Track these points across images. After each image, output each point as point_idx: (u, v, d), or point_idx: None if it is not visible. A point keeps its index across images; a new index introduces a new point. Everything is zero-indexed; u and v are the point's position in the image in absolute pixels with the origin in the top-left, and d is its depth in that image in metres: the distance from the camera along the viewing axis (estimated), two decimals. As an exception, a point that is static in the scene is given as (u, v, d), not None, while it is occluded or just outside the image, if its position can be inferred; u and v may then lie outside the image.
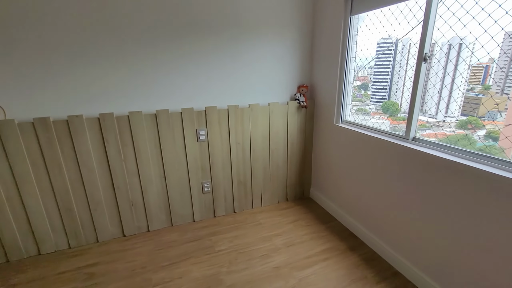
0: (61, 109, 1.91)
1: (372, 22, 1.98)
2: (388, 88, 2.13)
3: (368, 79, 2.32)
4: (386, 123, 2.11)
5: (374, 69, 2.21)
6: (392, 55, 2.04)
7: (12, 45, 1.71)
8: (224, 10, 2.14)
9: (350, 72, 2.22)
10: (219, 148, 2.37)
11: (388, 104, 2.16)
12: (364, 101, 2.38)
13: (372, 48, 2.11)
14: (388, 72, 2.10)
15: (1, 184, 1.82)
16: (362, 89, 2.36)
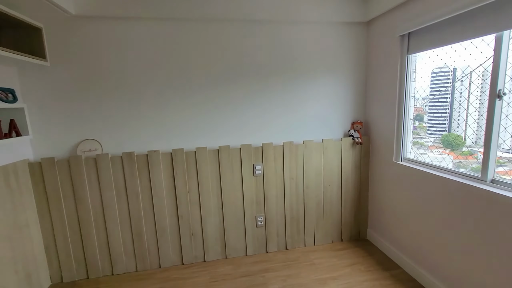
0: (143, 145, 2.24)
1: (425, 52, 1.97)
2: (448, 120, 2.00)
3: (423, 109, 2.22)
4: (448, 158, 1.95)
5: (429, 99, 2.12)
6: (450, 84, 1.95)
7: (106, 95, 2.14)
8: (282, 54, 2.36)
9: (410, 109, 2.17)
10: (274, 183, 2.44)
11: (449, 137, 2.01)
12: (420, 133, 2.26)
13: (426, 76, 2.06)
14: (447, 102, 2.00)
15: (92, 208, 2.15)
16: (416, 120, 2.25)
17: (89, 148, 2.14)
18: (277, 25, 2.32)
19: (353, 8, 2.36)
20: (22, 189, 1.93)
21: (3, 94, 1.70)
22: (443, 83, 2.02)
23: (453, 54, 1.82)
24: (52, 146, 2.10)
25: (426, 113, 2.21)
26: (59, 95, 2.06)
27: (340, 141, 2.54)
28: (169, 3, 2.06)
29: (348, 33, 2.46)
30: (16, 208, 1.86)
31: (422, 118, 2.24)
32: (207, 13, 2.13)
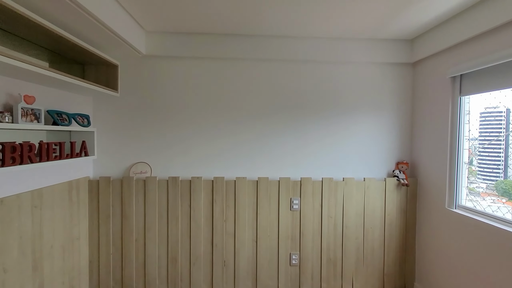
0: (188, 171, 2.37)
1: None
2: (503, 164, 1.81)
3: (472, 152, 2.05)
4: (504, 207, 1.74)
5: (479, 140, 1.97)
6: (504, 125, 1.81)
7: (160, 123, 2.36)
8: (326, 91, 2.44)
9: (463, 152, 2.03)
10: (311, 220, 2.37)
11: (506, 184, 1.81)
12: (469, 177, 2.06)
13: (475, 116, 1.94)
14: (500, 145, 1.83)
15: (135, 228, 2.26)
16: (468, 164, 2.07)
17: (140, 170, 2.32)
18: (323, 64, 2.43)
19: (399, 50, 2.40)
20: (80, 203, 2.13)
21: (81, 119, 1.98)
22: (495, 124, 1.89)
23: (508, 93, 1.72)
24: (109, 166, 2.33)
25: (475, 156, 2.04)
26: (121, 122, 2.33)
27: (384, 181, 2.42)
28: (225, 45, 2.31)
29: (393, 73, 2.47)
30: (73, 220, 2.04)
31: (471, 161, 2.07)
32: (262, 54, 2.33)
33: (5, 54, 1.24)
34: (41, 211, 1.73)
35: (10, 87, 1.54)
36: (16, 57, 1.29)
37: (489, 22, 1.66)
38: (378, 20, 2.03)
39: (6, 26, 1.45)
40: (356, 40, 2.38)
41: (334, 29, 2.20)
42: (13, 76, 1.52)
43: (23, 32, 1.52)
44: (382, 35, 2.31)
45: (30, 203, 1.65)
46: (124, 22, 1.92)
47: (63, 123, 1.77)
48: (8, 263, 1.50)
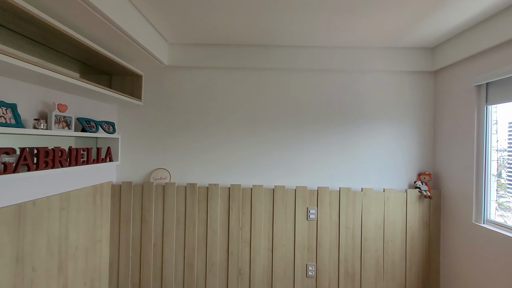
0: (205, 178, 2.42)
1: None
2: None
3: (500, 164, 1.94)
4: None
5: (507, 151, 1.86)
6: None
7: (180, 130, 2.43)
8: (345, 100, 2.42)
9: (491, 164, 1.93)
10: (328, 230, 2.32)
11: None
12: (498, 191, 1.94)
13: (503, 126, 1.85)
14: None
15: (154, 232, 2.32)
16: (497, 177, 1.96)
17: (160, 176, 2.39)
18: (343, 73, 2.43)
19: (420, 58, 2.36)
20: (103, 207, 2.22)
21: (107, 126, 2.08)
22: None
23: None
24: (131, 171, 2.42)
25: (504, 168, 1.93)
26: (144, 129, 2.43)
27: (405, 193, 2.34)
28: (244, 55, 2.37)
29: (414, 81, 2.42)
30: (96, 223, 2.12)
31: (500, 174, 1.96)
32: (281, 63, 2.37)
33: (43, 66, 1.34)
34: (68, 213, 1.82)
35: (45, 96, 1.65)
36: (52, 68, 1.40)
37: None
38: (398, 29, 2.01)
39: (43, 40, 1.57)
40: (375, 48, 2.36)
41: (353, 38, 2.20)
42: (48, 86, 1.64)
43: (58, 45, 1.64)
44: (402, 43, 2.28)
45: (59, 205, 1.74)
46: (149, 34, 2.03)
47: (91, 130, 1.87)
48: (36, 262, 1.58)
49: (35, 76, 1.39)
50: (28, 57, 1.51)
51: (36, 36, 1.50)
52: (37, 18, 1.24)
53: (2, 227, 1.37)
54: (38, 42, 1.61)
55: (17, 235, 1.45)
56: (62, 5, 1.37)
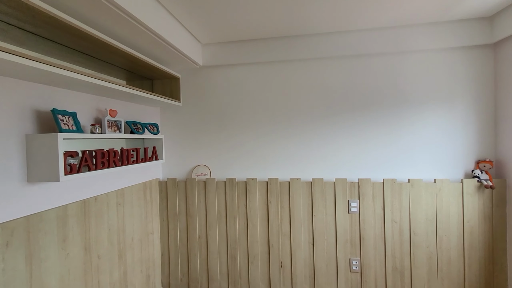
0: (244, 172, 2.48)
1: None
2: None
3: None
4: None
5: None
6: None
7: (218, 128, 2.51)
8: (388, 86, 2.26)
9: None
10: (371, 224, 2.21)
11: None
12: None
13: None
14: None
15: (198, 226, 2.46)
16: None
17: (201, 172, 2.52)
18: (383, 56, 2.27)
19: (474, 30, 2.08)
20: (153, 202, 2.42)
21: (151, 128, 2.25)
22: None
23: None
24: (175, 168, 2.58)
25: None
26: (184, 128, 2.57)
27: (461, 183, 2.11)
28: (275, 48, 2.35)
29: (469, 58, 2.15)
30: (147, 217, 2.32)
31: None
32: (313, 52, 2.30)
33: (96, 76, 1.50)
34: (124, 208, 2.02)
35: (98, 104, 1.84)
36: (103, 78, 1.56)
37: None
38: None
39: (93, 53, 1.75)
40: (421, 25, 2.15)
41: (393, 16, 2.03)
42: (100, 94, 1.83)
43: (106, 56, 1.81)
44: (453, 15, 2.03)
45: (115, 201, 1.94)
46: (183, 38, 2.12)
47: (138, 131, 2.04)
48: (100, 251, 1.79)
49: (90, 86, 1.55)
50: (82, 70, 1.70)
51: (87, 50, 1.68)
52: (89, 34, 1.39)
53: (73, 220, 1.58)
54: (89, 55, 1.81)
55: (84, 227, 1.66)
56: (109, 19, 1.51)
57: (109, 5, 1.36)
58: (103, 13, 1.44)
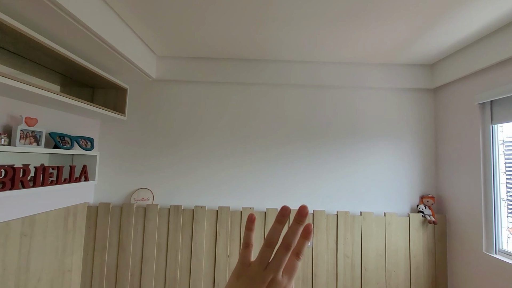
0: (191, 199, 2.23)
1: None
2: None
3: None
4: None
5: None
6: None
7: (165, 148, 2.27)
8: (341, 119, 2.30)
9: (501, 187, 1.78)
10: (324, 259, 2.11)
11: None
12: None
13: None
14: None
15: (132, 261, 2.09)
16: None
17: (142, 197, 2.20)
18: (339, 90, 2.33)
19: (419, 75, 2.27)
20: (76, 232, 2.00)
21: (84, 142, 1.92)
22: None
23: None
24: (112, 191, 2.22)
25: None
26: (127, 146, 2.27)
27: (407, 217, 2.16)
28: (234, 69, 2.27)
29: (414, 99, 2.33)
30: (65, 251, 1.90)
31: None
32: (273, 78, 2.26)
33: (16, 78, 1.21)
34: (31, 240, 1.61)
35: (13, 108, 1.50)
36: (28, 82, 1.28)
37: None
38: (395, 45, 1.93)
39: (18, 51, 1.45)
40: (373, 65, 2.28)
41: (350, 54, 2.12)
42: (17, 98, 1.50)
43: (35, 56, 1.52)
44: (400, 60, 2.20)
45: (19, 231, 1.53)
46: (135, 47, 1.92)
47: (64, 146, 1.71)
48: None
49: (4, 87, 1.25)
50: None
51: (8, 45, 1.39)
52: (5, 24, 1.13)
53: None
54: (14, 53, 1.50)
55: (-39, 269, 1.24)
56: (40, 14, 1.28)
57: None
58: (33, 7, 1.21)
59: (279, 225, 0.44)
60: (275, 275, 0.41)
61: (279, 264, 0.42)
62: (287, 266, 0.43)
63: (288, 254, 0.42)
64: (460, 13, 1.52)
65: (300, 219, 0.43)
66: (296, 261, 0.43)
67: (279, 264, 0.42)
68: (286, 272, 0.42)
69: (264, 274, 0.41)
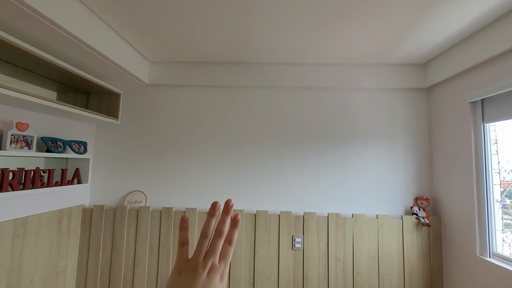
0: (183, 202, 2.25)
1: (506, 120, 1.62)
2: None
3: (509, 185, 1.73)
4: None
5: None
6: None
7: (158, 151, 2.31)
8: (333, 121, 2.29)
9: (494, 188, 1.72)
10: (315, 262, 2.09)
11: None
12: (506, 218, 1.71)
13: (503, 148, 1.67)
14: None
15: (125, 263, 2.12)
16: (507, 198, 1.74)
17: (135, 199, 2.24)
18: (330, 91, 2.32)
19: (411, 74, 2.24)
20: (71, 234, 2.06)
21: (77, 146, 1.98)
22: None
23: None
24: (107, 194, 2.27)
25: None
26: (122, 149, 2.32)
27: (400, 220, 2.12)
28: (226, 73, 2.30)
29: (406, 99, 2.29)
30: (60, 252, 1.95)
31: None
32: (265, 81, 2.28)
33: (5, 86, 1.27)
34: (23, 241, 1.66)
35: (4, 114, 1.56)
36: (24, 91, 1.37)
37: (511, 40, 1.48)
38: (385, 44, 1.92)
39: (17, 62, 1.53)
40: (364, 65, 2.26)
41: (339, 55, 2.11)
42: (17, 105, 1.57)
43: (33, 67, 1.60)
44: (392, 59, 2.18)
45: (11, 232, 1.59)
46: (127, 54, 1.98)
47: (56, 150, 1.77)
48: (-23, 298, 1.41)
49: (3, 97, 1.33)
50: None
51: (6, 57, 1.47)
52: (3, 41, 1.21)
53: None
54: (15, 65, 1.58)
55: (-48, 268, 1.30)
56: (35, 28, 1.39)
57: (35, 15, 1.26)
58: (28, 22, 1.32)
59: (211, 219, 0.50)
60: (213, 261, 0.46)
61: (215, 250, 0.47)
62: (222, 252, 0.48)
63: (221, 241, 0.48)
64: (444, 11, 1.50)
65: (226, 210, 0.50)
66: (229, 247, 0.49)
67: (215, 250, 0.47)
68: (221, 258, 0.47)
69: (204, 262, 0.45)
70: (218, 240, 0.48)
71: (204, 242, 0.47)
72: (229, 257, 0.48)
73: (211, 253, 0.46)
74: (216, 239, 0.48)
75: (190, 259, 0.46)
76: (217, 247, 0.47)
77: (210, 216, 0.50)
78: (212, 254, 0.46)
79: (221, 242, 0.48)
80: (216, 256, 0.47)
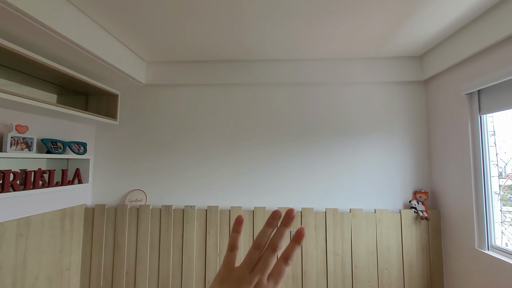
0: (182, 199, 2.29)
1: (504, 111, 1.59)
2: None
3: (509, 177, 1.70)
4: None
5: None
6: None
7: (157, 150, 2.34)
8: (330, 116, 2.28)
9: (492, 180, 1.70)
10: (314, 257, 2.10)
11: None
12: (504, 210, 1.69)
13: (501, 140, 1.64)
14: None
15: (126, 260, 2.17)
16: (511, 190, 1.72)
17: (136, 198, 2.28)
18: (328, 86, 2.31)
19: (408, 67, 2.22)
20: (74, 232, 2.11)
21: (76, 147, 2.02)
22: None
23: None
24: (108, 193, 2.32)
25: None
26: (121, 149, 2.36)
27: (399, 214, 2.11)
28: (223, 71, 2.31)
29: (404, 92, 2.27)
30: (63, 250, 2.00)
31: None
32: (262, 78, 2.29)
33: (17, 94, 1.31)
34: (27, 240, 1.72)
35: (3, 117, 1.61)
36: (25, 95, 1.42)
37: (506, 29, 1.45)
38: (379, 37, 1.90)
39: (19, 67, 1.58)
40: (360, 59, 2.25)
41: (334, 50, 2.11)
42: (19, 109, 1.62)
43: (34, 71, 1.65)
44: (387, 52, 2.16)
45: (15, 231, 1.64)
46: (124, 56, 2.02)
47: (56, 151, 1.81)
48: (-16, 295, 1.46)
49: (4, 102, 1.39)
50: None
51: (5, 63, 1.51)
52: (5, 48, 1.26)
53: None
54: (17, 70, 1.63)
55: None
56: (34, 35, 1.44)
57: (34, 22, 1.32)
58: (26, 29, 1.37)
59: (268, 228, 0.43)
60: (261, 278, 0.39)
61: (265, 266, 0.40)
62: (274, 271, 0.40)
63: (274, 256, 0.41)
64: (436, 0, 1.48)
65: (286, 221, 0.42)
66: (284, 266, 0.41)
67: (265, 266, 0.40)
68: (272, 276, 0.40)
69: (250, 277, 0.39)
70: (271, 255, 0.40)
71: (254, 253, 0.41)
72: (281, 278, 0.40)
73: (261, 268, 0.40)
74: (268, 253, 0.40)
75: (236, 269, 0.41)
76: (269, 262, 0.40)
77: (269, 225, 0.43)
78: (262, 270, 0.40)
79: (274, 257, 0.40)
80: (266, 273, 0.40)
